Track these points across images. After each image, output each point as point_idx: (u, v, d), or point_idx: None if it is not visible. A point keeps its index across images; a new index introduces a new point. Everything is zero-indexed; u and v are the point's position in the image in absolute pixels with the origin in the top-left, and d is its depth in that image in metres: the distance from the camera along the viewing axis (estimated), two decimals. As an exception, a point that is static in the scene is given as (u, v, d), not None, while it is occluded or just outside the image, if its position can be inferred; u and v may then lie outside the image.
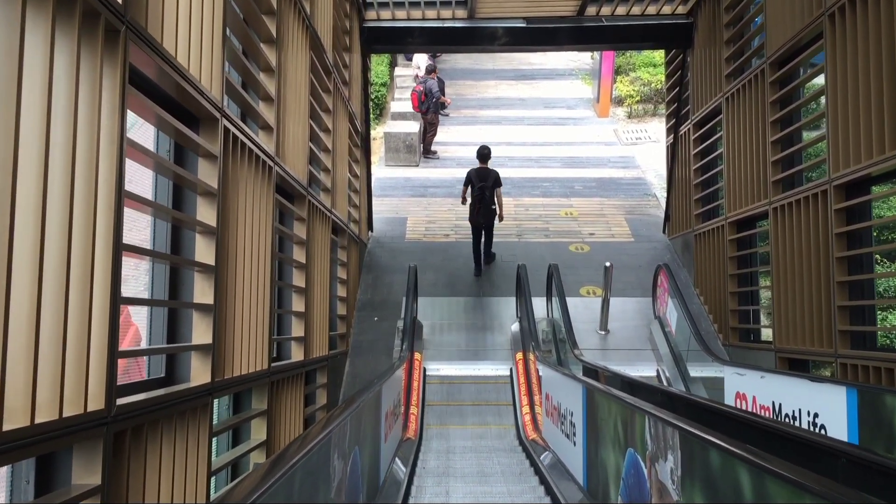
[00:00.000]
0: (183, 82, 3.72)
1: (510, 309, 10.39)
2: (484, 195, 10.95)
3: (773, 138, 7.98)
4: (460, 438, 8.06)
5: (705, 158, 10.55)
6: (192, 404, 3.95)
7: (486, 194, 10.96)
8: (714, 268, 9.87)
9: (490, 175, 11.08)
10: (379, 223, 12.67)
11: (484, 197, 10.95)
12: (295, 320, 6.78)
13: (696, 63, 10.56)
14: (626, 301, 10.53)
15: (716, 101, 9.76)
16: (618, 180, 14.29)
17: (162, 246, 4.30)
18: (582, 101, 18.13)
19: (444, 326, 10.28)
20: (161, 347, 4.14)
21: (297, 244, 6.80)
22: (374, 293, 10.96)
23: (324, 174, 8.15)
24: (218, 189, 4.23)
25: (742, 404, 6.91)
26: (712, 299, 9.98)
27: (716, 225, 9.79)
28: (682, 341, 9.00)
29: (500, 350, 9.75)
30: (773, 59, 7.92)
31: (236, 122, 4.56)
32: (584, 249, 11.91)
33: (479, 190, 10.96)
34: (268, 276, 5.38)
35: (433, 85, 15.00)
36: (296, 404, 6.45)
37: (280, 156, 5.80)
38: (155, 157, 3.72)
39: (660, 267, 9.81)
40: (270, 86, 5.51)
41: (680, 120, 11.50)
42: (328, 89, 8.13)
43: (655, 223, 12.61)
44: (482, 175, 11.08)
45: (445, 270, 11.43)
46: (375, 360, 9.52)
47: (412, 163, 14.98)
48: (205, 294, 4.19)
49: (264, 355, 5.31)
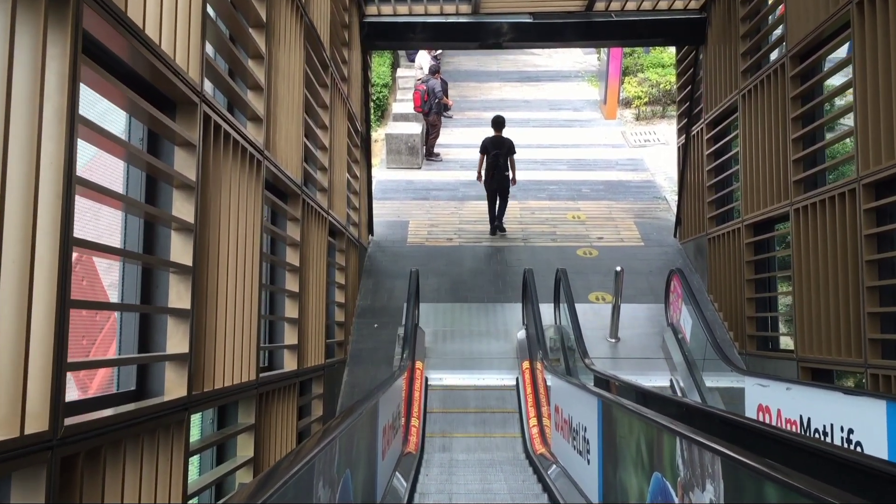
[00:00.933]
0: (154, 60, 3.31)
1: (516, 315, 9.97)
2: (498, 162, 11.66)
3: (795, 136, 7.56)
4: (464, 452, 7.63)
5: (719, 159, 10.12)
6: (165, 421, 3.53)
7: (501, 161, 11.67)
8: (729, 273, 9.43)
9: (504, 143, 11.77)
10: (380, 227, 12.26)
11: (498, 163, 11.65)
12: (288, 327, 6.35)
13: (710, 60, 10.14)
14: (636, 308, 10.10)
15: (731, 99, 9.34)
16: (626, 183, 13.86)
17: (134, 244, 3.88)
18: (588, 103, 17.72)
19: (447, 334, 9.85)
20: (118, 358, 3.70)
21: (291, 246, 6.38)
22: (374, 299, 10.54)
23: (320, 173, 7.74)
24: (196, 181, 3.82)
25: (765, 417, 6.47)
26: (727, 306, 9.55)
27: (731, 228, 9.36)
28: (698, 350, 8.57)
29: (506, 358, 9.32)
30: (795, 52, 7.50)
31: (219, 110, 4.15)
32: (593, 254, 11.48)
33: (494, 157, 11.67)
34: (256, 280, 4.96)
35: (435, 84, 14.60)
36: (288, 417, 6.02)
37: (270, 150, 5.39)
38: (125, 144, 3.32)
39: (673, 272, 9.37)
40: (259, 73, 5.10)
41: (692, 120, 11.08)
42: (325, 84, 7.73)
43: (666, 227, 12.18)
44: (497, 143, 11.76)
45: (448, 275, 11.01)
46: (375, 369, 9.09)
47: (414, 165, 14.57)
48: (181, 298, 3.77)
49: (251, 365, 4.89)
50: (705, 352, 8.11)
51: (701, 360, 8.43)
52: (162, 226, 3.87)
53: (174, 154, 3.82)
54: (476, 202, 13.17)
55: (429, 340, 9.65)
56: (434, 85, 14.55)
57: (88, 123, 2.78)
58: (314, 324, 7.12)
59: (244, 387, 4.74)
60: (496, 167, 11.66)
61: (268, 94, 5.26)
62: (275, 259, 6.16)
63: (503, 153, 11.68)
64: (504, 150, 11.70)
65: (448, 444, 7.92)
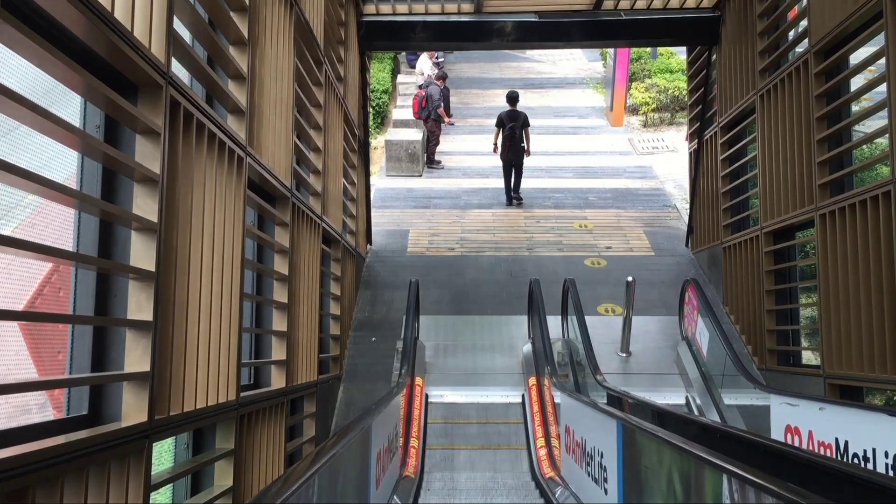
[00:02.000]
0: (109, 32, 2.84)
1: (521, 328, 9.45)
2: (514, 134, 12.46)
3: (820, 136, 7.07)
4: (467, 472, 7.11)
5: (735, 164, 9.63)
6: (120, 451, 3.04)
7: (517, 133, 12.49)
8: (747, 283, 8.92)
9: (519, 116, 12.57)
10: (379, 236, 11.77)
11: (514, 136, 12.47)
12: (275, 341, 5.85)
13: (724, 60, 9.67)
14: (648, 320, 9.59)
15: (748, 100, 8.86)
16: (635, 191, 13.38)
17: (90, 247, 3.39)
18: (594, 110, 17.26)
19: (449, 348, 9.34)
20: (59, 379, 3.17)
21: (279, 253, 5.88)
22: (372, 311, 10.04)
23: (313, 176, 7.26)
24: (161, 174, 3.33)
25: (795, 440, 5.95)
26: (745, 318, 9.03)
27: (749, 236, 8.86)
28: (715, 365, 8.06)
29: (511, 374, 8.80)
30: (819, 47, 7.02)
31: (191, 97, 3.67)
32: (601, 264, 10.98)
33: (510, 129, 12.44)
34: (237, 289, 4.47)
35: (434, 91, 14.10)
36: (275, 440, 5.51)
37: (255, 147, 4.91)
38: (76, 131, 2.84)
39: (687, 282, 8.87)
40: (241, 62, 4.63)
41: (704, 124, 10.61)
42: (318, 82, 7.26)
43: (677, 236, 11.68)
44: (512, 116, 12.55)
45: (450, 286, 10.52)
46: (372, 385, 8.58)
47: (415, 173, 14.09)
48: (141, 308, 3.27)
49: (231, 384, 4.39)
50: (724, 367, 7.60)
51: (719, 377, 7.92)
52: (121, 226, 3.38)
53: (135, 143, 3.33)
54: (479, 210, 12.71)
55: (429, 355, 9.14)
56: (433, 90, 14.07)
57: (35, 108, 2.30)
58: (306, 337, 6.63)
59: (221, 408, 4.24)
60: (512, 139, 12.47)
61: (251, 85, 4.78)
62: (261, 267, 5.67)
63: (518, 125, 12.47)
64: (519, 123, 12.49)
65: (450, 465, 7.40)
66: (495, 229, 12.06)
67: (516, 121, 12.54)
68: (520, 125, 12.54)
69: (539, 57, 20.93)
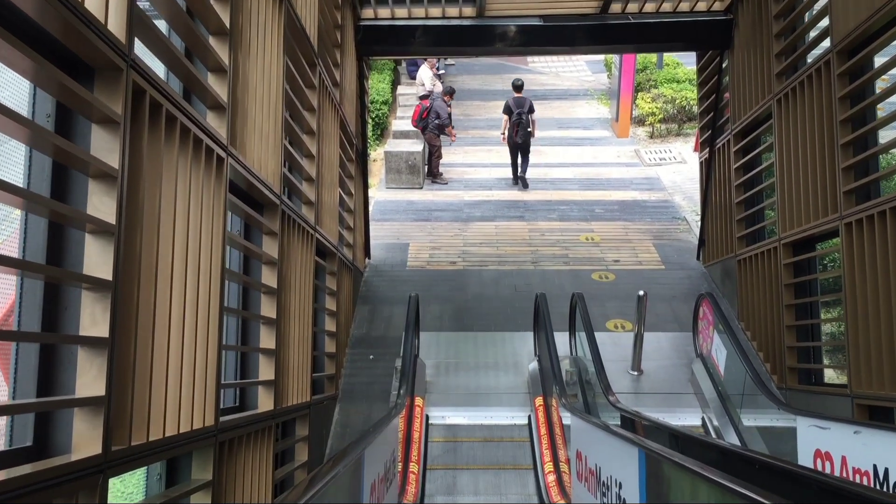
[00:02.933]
0: (58, 5, 2.43)
1: (527, 346, 9.00)
2: (521, 119, 13.32)
3: (844, 140, 6.65)
4: (470, 497, 6.65)
5: (750, 173, 9.20)
6: (69, 488, 2.61)
7: (524, 118, 13.34)
8: (764, 298, 8.46)
9: (525, 102, 13.41)
10: (377, 250, 11.34)
11: (521, 121, 13.32)
12: (263, 360, 5.41)
13: (737, 64, 9.27)
14: (660, 336, 9.14)
15: (763, 105, 8.45)
16: (642, 203, 12.95)
17: (37, 253, 2.96)
18: (599, 121, 16.88)
19: (451, 366, 8.88)
20: None
21: (267, 264, 5.45)
22: (370, 328, 9.59)
23: (306, 185, 6.84)
24: (121, 170, 2.91)
25: (826, 466, 5.49)
26: (762, 335, 8.56)
27: (766, 248, 8.42)
28: (733, 384, 7.60)
29: (517, 394, 8.34)
30: (842, 46, 6.61)
31: (158, 83, 3.26)
32: (609, 278, 10.54)
33: (518, 115, 13.32)
34: (216, 302, 4.04)
35: (441, 107, 13.63)
36: (261, 467, 5.05)
37: (237, 147, 4.49)
38: (24, 121, 2.43)
39: (702, 296, 8.43)
40: (222, 53, 4.22)
41: (716, 132, 10.20)
42: (312, 84, 6.86)
43: (688, 249, 11.25)
44: (519, 102, 13.37)
45: (452, 302, 10.07)
46: (370, 406, 8.13)
47: (415, 185, 13.67)
48: (96, 323, 2.85)
49: (208, 407, 3.95)
50: (743, 386, 7.14)
51: (737, 396, 7.47)
52: (74, 229, 2.96)
53: (90, 133, 2.91)
54: (482, 223, 12.28)
55: (430, 373, 8.68)
56: (439, 107, 13.60)
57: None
58: (297, 356, 6.18)
59: (197, 435, 3.80)
60: (520, 124, 13.34)
61: (233, 79, 4.37)
62: (246, 279, 5.25)
63: (526, 111, 13.36)
64: (526, 109, 13.37)
65: (452, 490, 6.94)
66: (499, 242, 11.63)
67: (523, 107, 13.33)
68: (526, 111, 13.34)
69: (542, 69, 20.60)
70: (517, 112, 13.34)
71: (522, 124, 13.35)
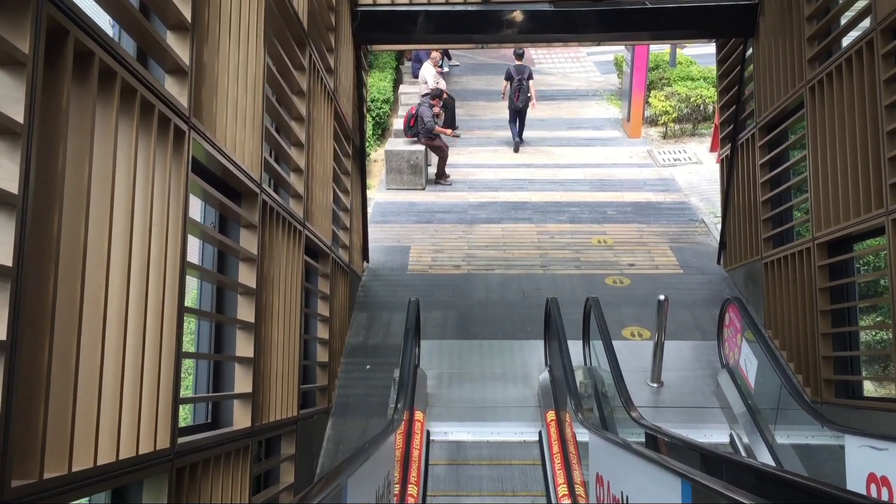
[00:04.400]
0: None
1: (537, 355, 8.32)
2: (522, 85, 14.21)
3: (891, 127, 5.97)
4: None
5: (777, 168, 8.52)
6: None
7: (524, 84, 14.21)
8: (795, 303, 7.77)
9: (525, 70, 14.27)
10: (377, 253, 10.68)
11: (522, 86, 14.23)
12: (239, 370, 4.74)
13: (763, 52, 8.61)
14: (680, 345, 8.46)
15: (793, 95, 7.78)
16: (657, 204, 12.27)
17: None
18: (609, 122, 16.23)
19: (454, 377, 8.20)
20: None
21: (246, 262, 4.79)
22: (367, 335, 8.92)
23: (295, 176, 6.20)
24: (27, 125, 2.25)
25: (882, 493, 4.79)
26: (793, 343, 7.86)
27: (797, 249, 7.73)
28: (765, 397, 6.92)
29: (526, 407, 7.65)
30: (888, 23, 5.95)
31: (83, 21, 2.60)
32: (624, 283, 9.86)
33: (518, 81, 14.22)
34: (171, 301, 3.38)
35: (425, 112, 12.84)
36: (234, 492, 4.38)
37: (203, 120, 3.84)
38: None
39: (728, 302, 7.74)
40: (183, 6, 3.56)
41: (738, 127, 9.53)
42: (301, 66, 6.21)
43: (707, 252, 10.57)
44: (519, 70, 14.22)
45: (455, 308, 9.41)
46: (366, 421, 7.46)
47: (417, 186, 13.01)
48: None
49: (162, 427, 3.29)
50: (778, 400, 6.45)
51: (769, 410, 6.78)
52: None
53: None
54: (487, 225, 11.62)
55: (432, 385, 8.00)
56: (423, 112, 12.81)
57: None
58: (282, 365, 5.51)
59: (144, 461, 3.14)
60: (520, 90, 14.22)
61: (197, 38, 3.72)
62: (221, 278, 4.59)
63: (525, 77, 14.21)
64: (526, 76, 14.22)
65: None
66: (506, 245, 10.97)
67: (523, 74, 14.19)
68: (526, 77, 14.22)
69: (549, 69, 20.04)
70: (518, 78, 14.17)
71: (523, 89, 14.23)
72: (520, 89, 14.24)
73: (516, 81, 14.20)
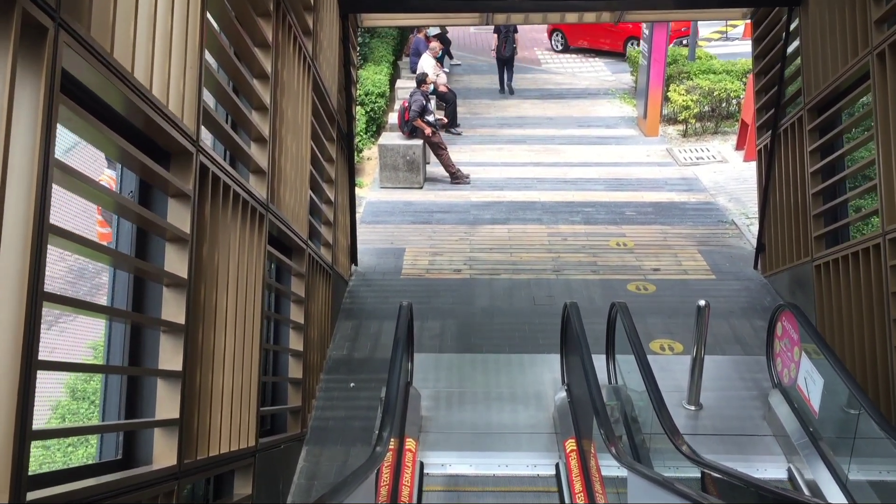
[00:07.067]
0: None
1: (552, 371, 7.06)
2: (509, 35, 15.94)
3: None
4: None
5: (831, 155, 7.32)
6: None
7: (511, 35, 15.96)
8: (859, 311, 6.54)
9: (512, 25, 15.14)
10: (367, 255, 9.47)
11: (509, 37, 15.96)
12: (162, 387, 3.49)
13: (813, 20, 7.43)
14: (719, 361, 7.23)
15: (855, 65, 6.60)
16: (681, 205, 11.08)
17: None
18: (623, 120, 15.08)
19: (454, 397, 6.94)
20: None
21: (172, 242, 3.55)
22: (353, 348, 7.69)
23: (256, 147, 5.00)
24: None
25: None
26: (856, 358, 6.62)
27: (861, 247, 6.50)
28: (832, 423, 5.68)
29: (539, 434, 6.40)
30: None
31: None
32: (649, 289, 8.64)
33: (505, 33, 15.87)
34: (14, 283, 2.16)
35: (416, 101, 11.64)
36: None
37: (81, 17, 2.63)
38: None
39: (782, 309, 6.50)
40: None
41: (780, 110, 8.34)
42: (266, 13, 5.03)
43: (741, 256, 9.37)
44: (507, 25, 15.04)
45: (455, 317, 8.19)
46: (346, 450, 6.22)
47: (414, 184, 11.81)
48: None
49: (15, 479, 2.06)
50: (856, 428, 5.20)
51: (840, 440, 5.54)
52: None
53: None
54: (492, 226, 10.44)
55: (427, 406, 6.74)
56: (414, 100, 11.63)
57: None
58: (230, 382, 4.27)
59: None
60: (507, 40, 15.98)
61: None
62: (141, 264, 3.35)
63: (512, 31, 15.90)
64: (513, 29, 15.90)
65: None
66: (513, 248, 9.76)
67: (510, 28, 15.74)
68: (512, 31, 15.93)
69: (557, 69, 19.05)
70: (504, 31, 15.78)
71: (510, 40, 15.99)
72: (507, 40, 15.95)
73: (503, 34, 15.88)
